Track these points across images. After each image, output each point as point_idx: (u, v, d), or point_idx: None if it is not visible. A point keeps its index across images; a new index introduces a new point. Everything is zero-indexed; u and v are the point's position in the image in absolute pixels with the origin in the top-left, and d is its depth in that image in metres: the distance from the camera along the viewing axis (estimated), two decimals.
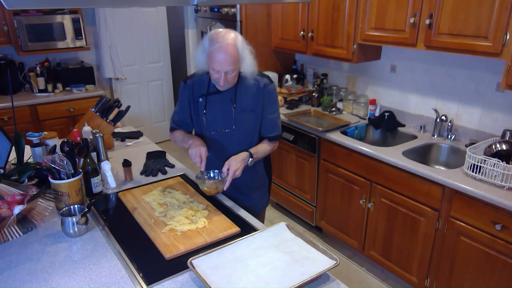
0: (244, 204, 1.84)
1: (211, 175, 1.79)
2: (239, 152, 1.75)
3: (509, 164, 1.95)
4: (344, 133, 2.78)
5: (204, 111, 1.79)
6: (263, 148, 1.82)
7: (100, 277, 1.29)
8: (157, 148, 2.41)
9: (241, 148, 1.78)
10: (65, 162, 1.57)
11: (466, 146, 2.35)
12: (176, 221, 1.56)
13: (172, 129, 1.95)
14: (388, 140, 2.86)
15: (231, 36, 1.60)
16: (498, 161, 1.95)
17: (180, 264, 1.34)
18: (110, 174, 1.81)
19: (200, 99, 1.80)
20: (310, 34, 3.02)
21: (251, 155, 1.74)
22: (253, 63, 1.69)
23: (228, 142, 1.82)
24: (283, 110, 3.20)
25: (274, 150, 1.91)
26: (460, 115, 2.58)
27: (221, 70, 1.60)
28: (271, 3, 3.39)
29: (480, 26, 2.03)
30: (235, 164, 1.67)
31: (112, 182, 1.82)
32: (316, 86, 3.41)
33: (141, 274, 1.30)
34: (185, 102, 1.84)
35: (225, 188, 1.68)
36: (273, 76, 3.42)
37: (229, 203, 1.78)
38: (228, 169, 1.67)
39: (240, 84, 1.75)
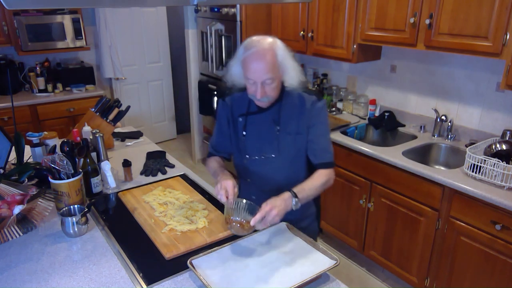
0: None
1: (246, 207, 1.39)
2: (284, 182, 1.53)
3: (509, 164, 1.95)
4: (344, 133, 2.78)
5: (244, 133, 1.57)
6: (311, 185, 1.47)
7: (100, 277, 1.29)
8: (157, 148, 2.41)
9: (286, 177, 1.56)
10: (65, 162, 1.57)
11: (466, 146, 2.35)
12: (176, 221, 1.56)
13: (209, 155, 1.73)
14: (388, 140, 2.86)
15: (268, 41, 1.39)
16: (498, 161, 1.95)
17: (180, 264, 1.34)
18: (110, 174, 1.81)
19: (240, 119, 1.57)
20: (310, 34, 3.02)
21: (294, 195, 1.39)
22: (299, 74, 1.44)
23: (271, 170, 1.57)
24: None
25: (330, 183, 1.55)
26: (460, 115, 2.58)
27: (256, 79, 1.37)
28: (271, 3, 3.39)
29: (480, 26, 2.03)
30: (272, 203, 1.32)
31: (112, 182, 1.82)
32: (316, 86, 3.41)
33: (141, 274, 1.30)
34: (223, 122, 1.63)
35: (251, 223, 1.29)
36: None
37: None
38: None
39: (284, 102, 1.51)
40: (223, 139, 1.66)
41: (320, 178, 1.51)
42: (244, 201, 1.37)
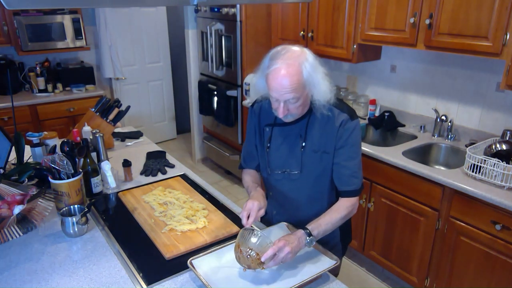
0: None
1: (258, 239, 1.25)
2: (306, 202, 1.49)
3: (509, 164, 1.95)
4: None
5: (268, 145, 1.49)
6: (329, 219, 1.36)
7: (100, 277, 1.29)
8: (157, 148, 2.41)
9: (308, 196, 1.49)
10: (65, 162, 1.57)
11: (466, 146, 2.35)
12: (176, 221, 1.56)
13: (240, 166, 1.67)
14: (388, 140, 2.86)
15: (295, 55, 1.26)
16: (498, 161, 1.95)
17: (180, 264, 1.34)
18: (110, 174, 1.81)
19: (267, 129, 1.50)
20: (310, 34, 3.02)
21: (308, 233, 1.29)
22: (328, 90, 1.33)
23: (293, 187, 1.50)
24: None
25: (352, 214, 1.44)
26: (460, 115, 2.58)
27: (279, 98, 1.28)
28: (271, 3, 3.39)
29: (480, 26, 2.03)
30: (285, 239, 1.24)
31: (112, 182, 1.82)
32: None
33: (141, 274, 1.30)
34: (251, 131, 1.56)
35: (262, 259, 1.20)
36: None
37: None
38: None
39: (313, 116, 1.41)
40: (252, 150, 1.58)
41: (341, 211, 1.39)
42: (259, 233, 1.25)
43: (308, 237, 1.28)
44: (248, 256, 1.22)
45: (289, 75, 1.23)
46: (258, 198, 1.38)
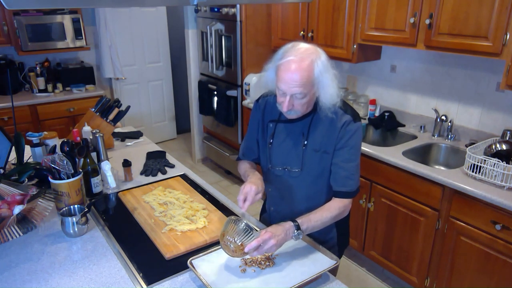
0: None
1: (244, 229, 1.24)
2: (304, 200, 1.49)
3: (509, 164, 1.95)
4: None
5: (271, 140, 1.50)
6: (320, 216, 1.36)
7: (100, 277, 1.29)
8: (157, 148, 2.41)
9: (306, 195, 1.49)
10: (65, 162, 1.57)
11: (466, 146, 2.35)
12: (176, 221, 1.56)
13: (238, 159, 1.68)
14: (388, 140, 2.86)
15: (309, 51, 1.28)
16: (498, 161, 1.95)
17: (180, 264, 1.34)
18: (110, 174, 1.81)
19: (270, 125, 1.50)
20: (310, 34, 3.02)
21: (297, 227, 1.29)
22: (335, 94, 1.32)
23: (292, 185, 1.50)
24: None
25: (343, 215, 1.44)
26: (460, 115, 2.58)
27: (286, 91, 1.28)
28: (271, 3, 3.39)
29: (480, 26, 2.03)
30: (271, 231, 1.24)
31: (112, 182, 1.81)
32: None
33: (141, 274, 1.30)
34: (254, 125, 1.56)
35: (246, 250, 1.21)
36: None
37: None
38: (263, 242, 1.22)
39: (316, 116, 1.41)
40: (252, 144, 1.58)
41: (332, 211, 1.39)
42: (244, 223, 1.25)
43: (296, 231, 1.28)
44: (232, 245, 1.23)
45: (301, 69, 1.24)
46: (255, 182, 1.37)
